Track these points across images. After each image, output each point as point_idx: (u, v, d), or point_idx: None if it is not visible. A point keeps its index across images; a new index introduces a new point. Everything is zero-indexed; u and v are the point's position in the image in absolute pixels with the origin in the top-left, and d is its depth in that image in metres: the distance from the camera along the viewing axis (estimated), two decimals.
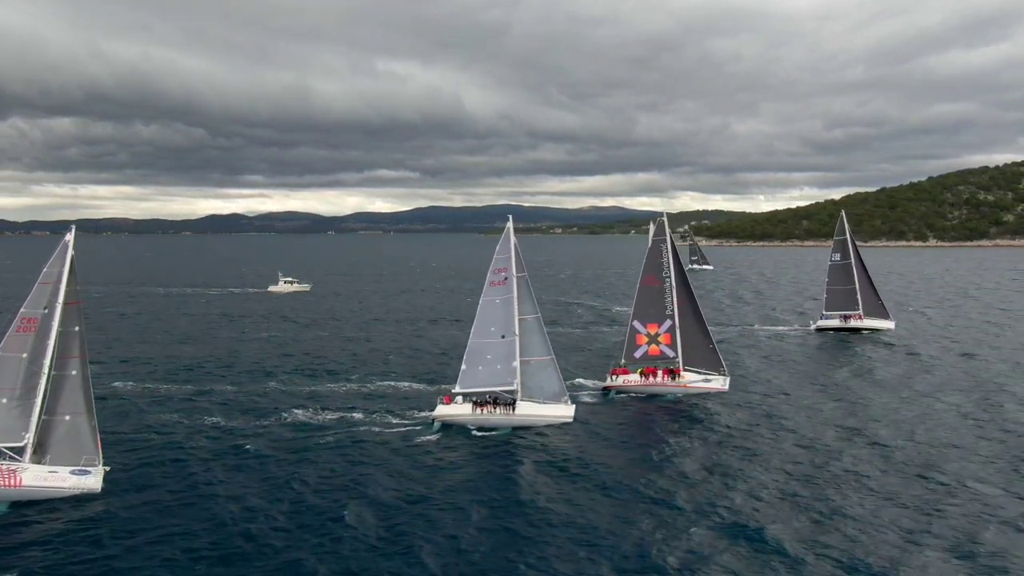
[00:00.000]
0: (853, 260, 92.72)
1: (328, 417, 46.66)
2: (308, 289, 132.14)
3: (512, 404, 45.60)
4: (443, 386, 51.97)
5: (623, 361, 55.30)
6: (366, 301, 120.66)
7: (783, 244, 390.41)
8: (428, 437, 43.14)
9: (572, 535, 29.81)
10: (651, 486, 35.15)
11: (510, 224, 50.02)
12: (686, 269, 59.31)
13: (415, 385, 55.78)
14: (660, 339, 55.51)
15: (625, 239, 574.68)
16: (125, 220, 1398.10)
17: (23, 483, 32.00)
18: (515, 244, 49.16)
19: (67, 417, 33.64)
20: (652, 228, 61.18)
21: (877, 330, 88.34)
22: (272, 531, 29.86)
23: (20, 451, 32.88)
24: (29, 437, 32.91)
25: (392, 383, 56.56)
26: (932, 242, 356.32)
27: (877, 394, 53.99)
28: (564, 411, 46.20)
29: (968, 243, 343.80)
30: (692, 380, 54.00)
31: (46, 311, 33.96)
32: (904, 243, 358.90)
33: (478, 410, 45.13)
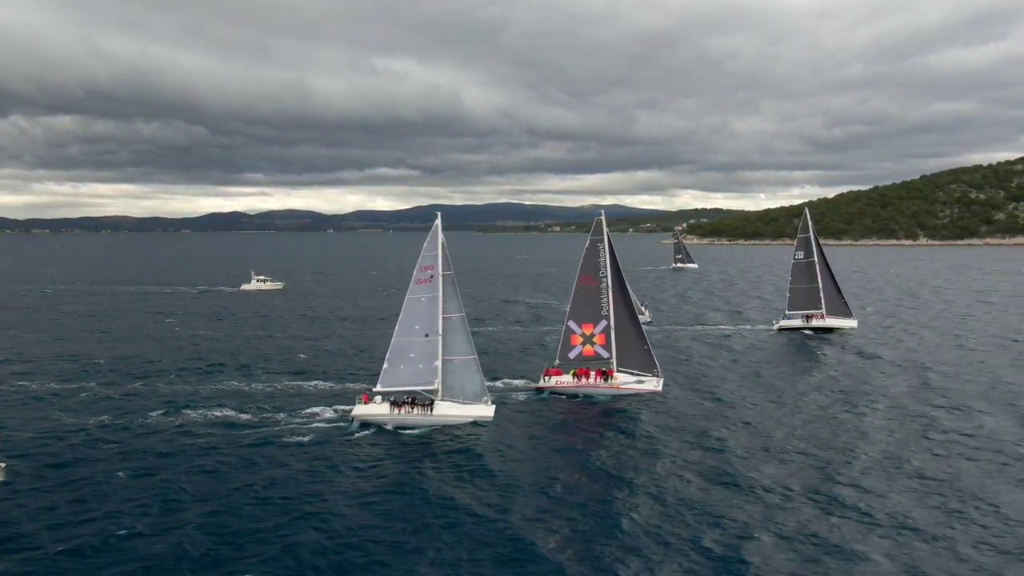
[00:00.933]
0: (816, 258, 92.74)
1: (246, 417, 46.64)
2: (281, 288, 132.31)
3: (430, 404, 45.62)
4: (363, 385, 52.02)
5: (557, 362, 55.24)
6: (335, 299, 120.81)
7: (774, 243, 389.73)
8: (345, 437, 43.18)
9: (475, 535, 29.95)
10: (557, 488, 35.13)
11: (438, 222, 50.14)
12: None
13: (349, 384, 55.79)
14: (595, 340, 55.44)
15: (621, 237, 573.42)
16: (126, 218, 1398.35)
17: None
18: (443, 242, 49.21)
19: None
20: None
21: (839, 329, 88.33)
22: (163, 525, 29.98)
23: None
24: None
25: (322, 382, 56.57)
26: (923, 240, 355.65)
27: (816, 396, 53.76)
28: (484, 411, 46.20)
29: (959, 242, 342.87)
30: (625, 382, 53.88)
31: None
32: (895, 241, 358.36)
33: (396, 410, 45.12)
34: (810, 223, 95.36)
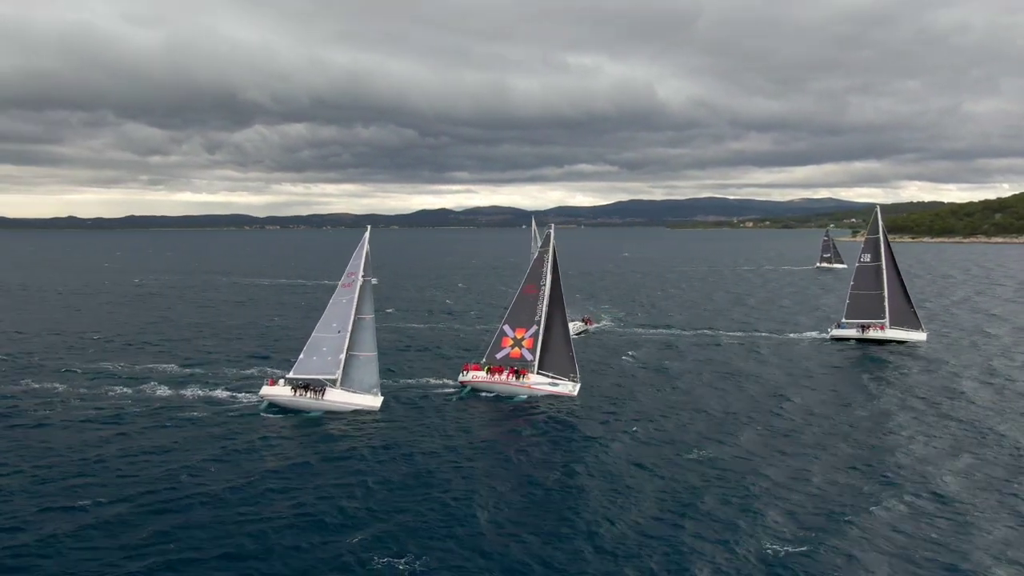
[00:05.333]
0: (884, 262, 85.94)
1: (188, 393, 55.03)
2: (376, 282, 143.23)
3: (322, 391, 51.11)
4: (268, 369, 59.82)
5: (484, 360, 58.11)
6: (403, 293, 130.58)
7: (964, 240, 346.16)
8: (248, 415, 50.05)
9: (335, 521, 33.43)
10: (417, 481, 38.09)
11: (367, 234, 55.54)
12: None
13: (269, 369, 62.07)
14: (524, 343, 57.74)
15: (809, 233, 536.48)
16: (347, 215, 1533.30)
17: None
18: (367, 251, 54.42)
19: None
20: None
21: (904, 342, 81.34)
22: (60, 489, 37.10)
23: None
24: None
25: (270, 368, 63.07)
26: None
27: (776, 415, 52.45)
28: (371, 401, 51.02)
29: None
30: (538, 382, 55.87)
31: None
32: None
33: (294, 392, 51.30)
34: (880, 222, 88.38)
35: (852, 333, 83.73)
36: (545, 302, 57.84)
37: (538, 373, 56.57)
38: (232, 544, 30.95)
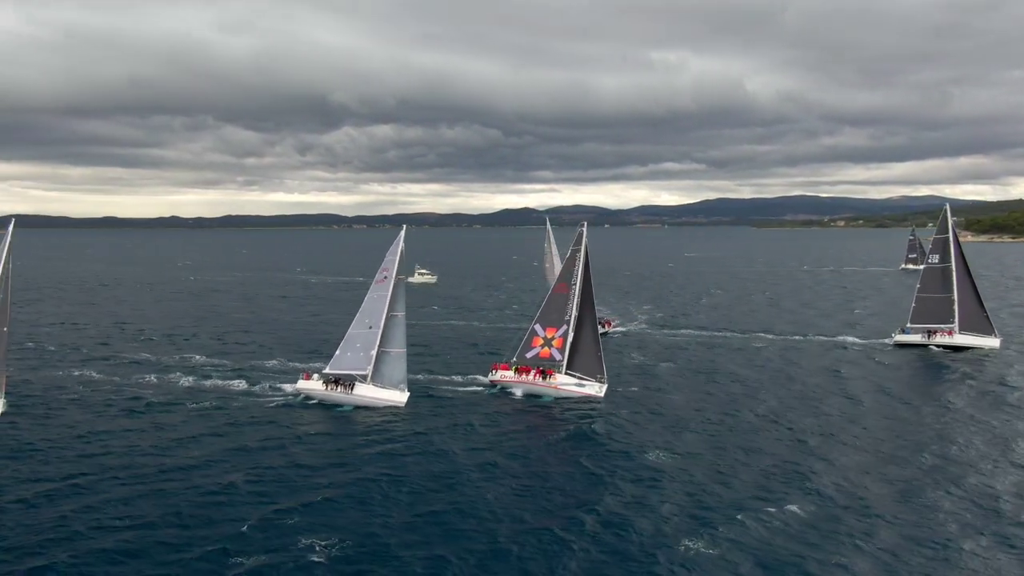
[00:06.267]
0: (955, 263, 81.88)
1: (235, 385, 57.86)
2: (434, 281, 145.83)
3: (351, 385, 52.74)
4: (308, 364, 62.06)
5: (514, 359, 58.48)
6: (452, 291, 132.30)
7: None
8: (287, 406, 52.56)
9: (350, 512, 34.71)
10: (429, 480, 38.65)
11: (402, 233, 57.00)
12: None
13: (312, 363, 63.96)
14: (553, 343, 57.92)
15: (891, 233, 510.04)
16: (431, 214, 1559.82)
17: None
18: (402, 250, 55.82)
19: None
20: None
21: (974, 349, 77.23)
22: (119, 466, 40.54)
23: None
24: None
25: (313, 362, 64.98)
26: None
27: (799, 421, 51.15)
28: (397, 397, 52.49)
29: None
30: (564, 383, 55.96)
31: None
32: None
33: (326, 387, 53.33)
34: (950, 221, 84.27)
35: (917, 339, 79.96)
36: (576, 301, 57.88)
37: (566, 373, 56.70)
38: (234, 525, 32.67)
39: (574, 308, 57.76)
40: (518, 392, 56.63)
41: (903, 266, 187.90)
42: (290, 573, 28.98)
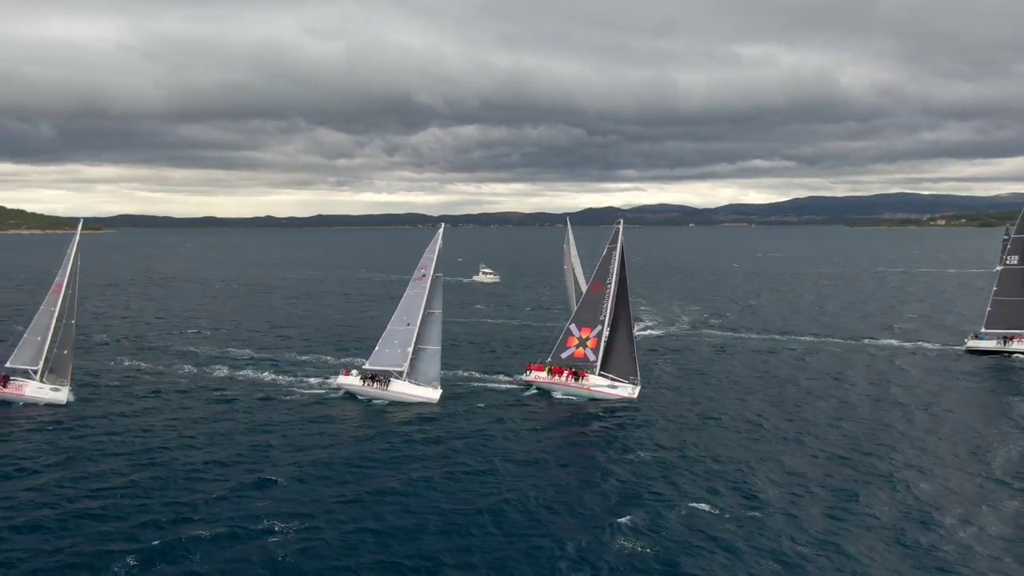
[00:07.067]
0: None
1: (282, 379, 60.46)
2: (498, 280, 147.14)
3: (386, 382, 54.49)
4: (347, 359, 64.69)
5: (548, 360, 58.89)
6: (502, 289, 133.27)
7: None
8: (326, 399, 54.87)
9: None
10: (455, 469, 40.16)
11: (440, 231, 58.42)
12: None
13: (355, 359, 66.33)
14: (588, 343, 58.05)
15: (997, 233, 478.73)
16: (515, 213, 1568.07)
17: (26, 392, 51.85)
18: (440, 247, 57.22)
19: (64, 352, 52.68)
20: None
21: None
22: (185, 448, 43.92)
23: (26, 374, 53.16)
24: (41, 364, 52.64)
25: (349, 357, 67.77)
26: None
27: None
28: (430, 394, 53.91)
29: None
30: (596, 384, 55.99)
31: None
32: None
33: (363, 383, 55.06)
34: None
35: (991, 345, 76.10)
36: (611, 300, 57.74)
37: (599, 374, 56.72)
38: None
39: (609, 307, 57.73)
40: (551, 392, 57.10)
41: (999, 267, 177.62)
42: (321, 560, 30.20)
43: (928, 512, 35.03)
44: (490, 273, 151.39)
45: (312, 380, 60.02)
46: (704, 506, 35.40)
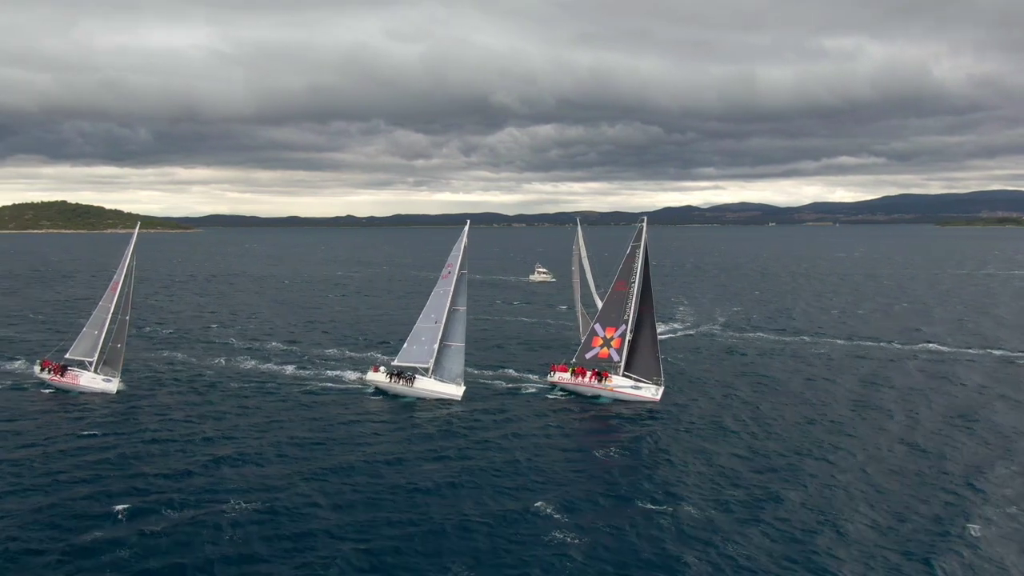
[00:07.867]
0: None
1: (304, 373, 63.21)
2: (553, 280, 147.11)
3: (412, 378, 56.23)
4: (376, 355, 66.66)
5: (573, 360, 59.29)
6: (547, 288, 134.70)
7: None
8: (352, 395, 57.09)
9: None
10: (473, 466, 41.24)
11: (466, 228, 59.88)
12: None
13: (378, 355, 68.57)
14: (612, 343, 58.15)
15: None
16: (592, 212, 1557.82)
17: (80, 382, 55.97)
18: (465, 245, 58.58)
19: (118, 345, 56.66)
20: None
21: None
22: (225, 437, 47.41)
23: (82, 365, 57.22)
24: (96, 356, 56.75)
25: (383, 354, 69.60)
26: None
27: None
28: (454, 391, 55.33)
29: None
30: (620, 385, 56.14)
31: None
32: None
33: (390, 379, 57.02)
34: None
35: None
36: (635, 300, 57.64)
37: (623, 375, 56.85)
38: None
39: (633, 307, 57.68)
40: (574, 393, 57.56)
41: None
42: (346, 552, 31.41)
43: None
44: (545, 273, 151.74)
45: (350, 375, 62.31)
46: (722, 514, 35.06)
